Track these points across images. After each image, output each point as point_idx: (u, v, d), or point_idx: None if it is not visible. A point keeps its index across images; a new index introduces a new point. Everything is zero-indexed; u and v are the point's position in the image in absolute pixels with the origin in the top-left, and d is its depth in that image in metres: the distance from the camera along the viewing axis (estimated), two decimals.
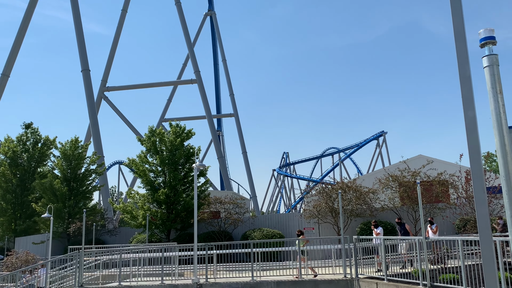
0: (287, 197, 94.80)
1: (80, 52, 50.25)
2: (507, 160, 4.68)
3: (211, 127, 58.45)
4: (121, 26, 60.55)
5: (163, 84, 64.95)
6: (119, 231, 33.79)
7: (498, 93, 4.79)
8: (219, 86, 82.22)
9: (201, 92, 57.18)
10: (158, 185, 29.69)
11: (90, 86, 49.64)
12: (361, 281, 14.82)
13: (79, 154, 34.70)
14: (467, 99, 4.71)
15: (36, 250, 30.59)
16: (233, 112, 70.36)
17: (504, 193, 4.68)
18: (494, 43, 4.86)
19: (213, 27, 78.46)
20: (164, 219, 28.27)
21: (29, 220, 36.89)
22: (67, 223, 32.36)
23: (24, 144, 39.36)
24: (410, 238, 16.08)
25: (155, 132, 30.83)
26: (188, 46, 59.14)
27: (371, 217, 26.07)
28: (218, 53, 78.08)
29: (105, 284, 18.26)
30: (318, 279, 15.71)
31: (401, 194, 25.75)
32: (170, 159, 29.48)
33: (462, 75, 4.75)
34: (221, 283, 16.19)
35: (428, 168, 25.87)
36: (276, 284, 15.68)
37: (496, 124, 4.76)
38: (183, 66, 72.26)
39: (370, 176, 32.44)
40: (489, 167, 48.27)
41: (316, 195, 27.30)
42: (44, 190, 33.38)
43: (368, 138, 77.05)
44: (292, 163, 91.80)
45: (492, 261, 4.47)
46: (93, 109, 48.90)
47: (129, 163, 31.20)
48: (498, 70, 4.81)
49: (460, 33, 4.78)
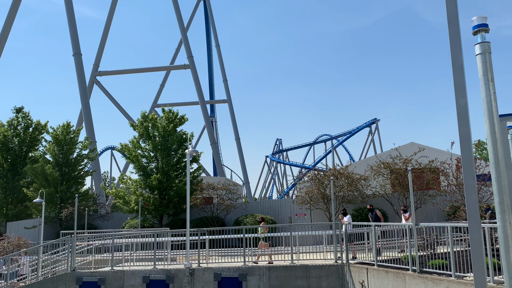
0: (279, 184, 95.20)
1: (72, 35, 49.60)
2: (496, 148, 4.72)
3: (204, 113, 58.26)
4: (113, 10, 59.71)
5: (156, 69, 64.44)
6: (112, 216, 33.80)
7: (489, 81, 4.80)
8: (212, 72, 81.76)
9: (194, 77, 56.84)
10: (150, 170, 29.65)
11: (82, 70, 49.14)
12: (352, 267, 15.00)
13: (71, 139, 34.50)
14: (459, 86, 4.72)
15: (28, 235, 30.54)
16: (226, 98, 70.13)
17: (493, 180, 4.73)
18: (487, 31, 4.85)
19: (207, 12, 77.69)
20: (156, 205, 28.31)
21: (21, 205, 36.76)
22: (59, 208, 32.30)
23: (15, 128, 38.99)
24: (401, 224, 16.26)
25: (148, 117, 30.67)
26: (182, 31, 58.57)
27: (363, 203, 26.32)
28: (212, 38, 77.50)
29: (97, 269, 18.32)
30: (309, 264, 15.88)
31: (392, 181, 25.97)
32: (163, 145, 29.41)
33: (454, 63, 4.75)
34: (213, 268, 16.31)
35: (420, 156, 26.06)
36: (267, 269, 15.83)
37: (487, 112, 4.78)
38: (176, 51, 71.66)
39: (362, 163, 32.62)
40: (480, 155, 48.71)
41: (309, 181, 27.45)
42: (36, 175, 33.22)
43: (360, 125, 77.28)
44: (285, 150, 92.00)
45: (480, 247, 4.53)
46: (85, 94, 48.48)
47: (122, 148, 31.08)
48: (490, 58, 4.82)
49: (454, 20, 4.77)
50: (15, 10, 48.81)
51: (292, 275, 15.65)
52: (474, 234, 4.55)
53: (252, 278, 15.84)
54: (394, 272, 12.92)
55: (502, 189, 4.70)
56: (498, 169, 4.70)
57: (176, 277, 16.48)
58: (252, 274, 15.89)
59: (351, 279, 14.93)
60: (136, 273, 16.92)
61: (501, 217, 4.71)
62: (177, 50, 71.42)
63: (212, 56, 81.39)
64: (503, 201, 4.69)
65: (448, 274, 11.17)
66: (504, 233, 4.69)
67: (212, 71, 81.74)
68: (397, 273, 12.75)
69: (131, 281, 16.85)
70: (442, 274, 11.43)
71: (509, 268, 4.64)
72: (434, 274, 11.66)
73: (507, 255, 4.65)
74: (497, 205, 4.73)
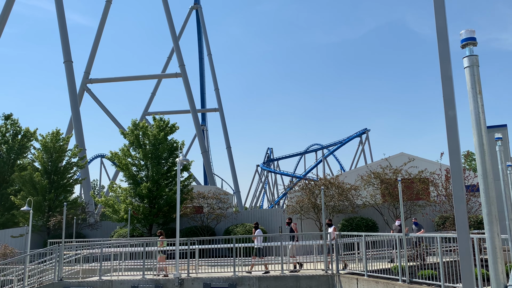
0: (270, 193, 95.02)
1: (63, 43, 49.39)
2: (485, 159, 4.78)
3: (195, 121, 58.18)
4: (105, 18, 59.61)
5: (147, 77, 64.35)
6: (101, 225, 33.45)
7: (477, 93, 4.87)
8: (204, 81, 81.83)
9: (186, 86, 56.82)
10: (140, 179, 29.45)
11: (72, 77, 48.87)
12: (342, 277, 14.99)
13: (60, 147, 34.18)
14: (448, 98, 4.78)
15: (15, 244, 30.10)
16: (218, 107, 70.10)
17: (481, 191, 4.78)
18: (475, 44, 4.94)
19: (199, 21, 77.94)
20: (146, 214, 28.08)
21: (8, 213, 36.22)
22: (47, 217, 31.89)
23: (3, 135, 38.57)
24: (391, 234, 16.32)
25: (139, 125, 30.53)
26: (173, 39, 58.65)
27: (353, 213, 26.36)
28: (204, 47, 77.64)
29: (85, 279, 18.08)
30: (299, 274, 15.83)
31: (382, 191, 26.07)
32: (153, 153, 29.26)
33: (444, 75, 4.82)
34: (203, 278, 16.19)
35: (410, 166, 26.23)
36: (257, 280, 15.75)
37: (475, 123, 4.84)
38: (167, 59, 71.64)
39: (352, 173, 32.74)
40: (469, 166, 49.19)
41: (299, 191, 27.45)
42: (24, 182, 32.81)
43: (351, 135, 77.67)
44: (276, 159, 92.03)
45: (469, 257, 4.57)
46: (75, 101, 48.18)
47: (112, 156, 30.85)
48: (478, 71, 4.90)
49: (443, 34, 4.85)
50: (5, 17, 48.50)
51: (283, 285, 15.59)
52: (463, 244, 4.58)
53: None
54: (384, 282, 12.93)
55: (490, 200, 4.75)
56: (486, 180, 4.76)
57: (165, 287, 16.32)
58: (242, 284, 15.80)
59: None
60: (124, 283, 16.73)
61: (489, 228, 4.75)
62: (169, 59, 71.42)
63: (204, 64, 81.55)
64: (491, 212, 4.74)
65: (438, 284, 11.21)
66: (492, 244, 4.72)
67: (203, 79, 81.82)
68: (387, 284, 12.77)
69: None
70: (431, 285, 11.48)
71: (497, 279, 4.67)
72: (423, 285, 11.70)
73: (495, 266, 4.69)
74: (485, 216, 4.77)
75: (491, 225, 4.73)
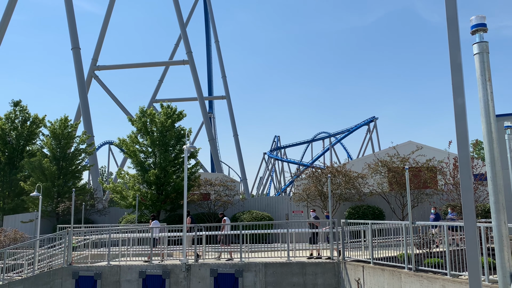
0: (277, 181, 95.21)
1: (71, 29, 49.42)
2: (493, 148, 4.74)
3: (202, 109, 58.21)
4: (112, 5, 59.47)
5: (155, 64, 64.32)
6: (109, 211, 33.79)
7: (487, 80, 4.81)
8: (211, 68, 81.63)
9: (193, 73, 56.74)
10: (148, 166, 29.62)
11: (80, 64, 49.01)
12: (348, 264, 15.05)
13: (69, 133, 34.42)
14: (457, 86, 4.73)
15: (25, 229, 30.53)
16: (225, 95, 70.03)
17: (489, 179, 4.75)
18: (485, 30, 4.86)
19: (207, 8, 77.49)
20: (154, 200, 28.30)
21: (18, 198, 36.69)
22: (56, 202, 32.27)
23: (13, 122, 38.87)
24: (397, 222, 16.30)
25: (146, 112, 30.62)
26: (181, 26, 58.42)
27: (360, 201, 26.35)
28: (211, 34, 77.34)
29: (94, 263, 18.33)
30: (305, 261, 15.92)
31: (389, 180, 25.99)
32: (161, 140, 29.38)
33: (453, 62, 4.75)
34: (210, 264, 16.35)
35: (417, 154, 26.09)
36: (264, 266, 15.87)
37: (484, 111, 4.79)
38: (175, 46, 71.50)
39: (359, 161, 32.66)
40: (477, 155, 48.83)
41: (306, 179, 27.45)
42: (33, 168, 33.15)
43: (359, 124, 77.31)
44: (283, 147, 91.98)
45: (475, 246, 4.56)
46: (83, 88, 48.37)
47: (120, 143, 31.02)
48: (487, 58, 4.82)
49: (453, 19, 4.78)
50: (13, 4, 48.53)
51: (288, 271, 15.70)
52: (469, 233, 4.57)
53: (248, 274, 15.89)
54: (390, 270, 12.97)
55: (498, 189, 4.72)
56: (494, 168, 4.72)
57: (172, 272, 16.51)
58: (248, 270, 15.94)
59: (347, 277, 14.99)
60: (132, 268, 16.94)
61: (496, 217, 4.73)
62: (176, 46, 71.26)
63: (211, 52, 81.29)
64: (498, 200, 4.72)
65: (444, 272, 11.22)
66: (499, 232, 4.71)
67: (211, 67, 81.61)
68: (393, 271, 12.80)
69: (127, 276, 16.87)
70: (437, 273, 11.49)
71: (503, 267, 4.66)
72: (429, 273, 11.71)
73: (502, 254, 4.68)
74: (492, 204, 4.75)
75: (498, 213, 4.71)
